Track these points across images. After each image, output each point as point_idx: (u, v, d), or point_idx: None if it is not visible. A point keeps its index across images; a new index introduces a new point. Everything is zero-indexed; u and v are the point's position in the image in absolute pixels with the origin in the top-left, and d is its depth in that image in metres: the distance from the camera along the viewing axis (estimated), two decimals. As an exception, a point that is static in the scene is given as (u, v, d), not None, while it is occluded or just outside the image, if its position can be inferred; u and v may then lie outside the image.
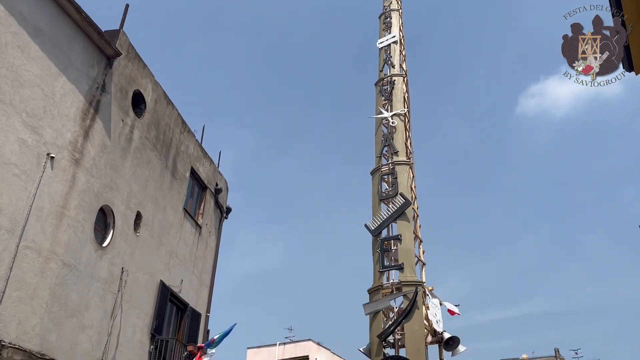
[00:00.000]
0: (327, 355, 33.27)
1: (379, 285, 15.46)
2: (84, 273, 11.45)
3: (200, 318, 16.64)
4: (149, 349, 13.66)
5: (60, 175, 11.02)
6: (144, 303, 13.74)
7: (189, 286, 16.17)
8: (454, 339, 15.34)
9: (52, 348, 10.31)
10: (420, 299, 14.77)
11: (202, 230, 17.55)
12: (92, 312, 11.63)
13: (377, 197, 16.79)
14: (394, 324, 14.95)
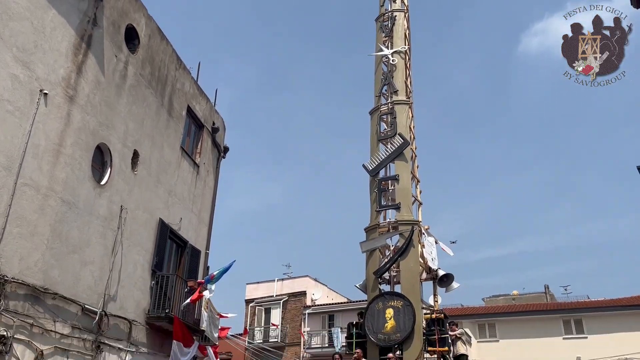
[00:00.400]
0: (324, 291, 34.24)
1: (376, 224, 15.64)
2: (83, 210, 11.53)
3: (199, 255, 16.96)
4: (150, 285, 14.00)
5: (54, 112, 10.86)
6: (144, 240, 13.94)
7: (188, 224, 16.37)
8: (448, 276, 15.69)
9: (55, 283, 10.53)
10: (416, 238, 14.99)
11: (200, 169, 17.56)
12: (93, 248, 11.81)
13: (376, 137, 16.69)
14: (390, 261, 15.24)
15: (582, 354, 26.64)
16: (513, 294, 38.59)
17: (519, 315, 30.41)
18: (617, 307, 28.36)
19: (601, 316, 28.21)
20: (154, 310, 13.80)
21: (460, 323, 16.86)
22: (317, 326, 31.79)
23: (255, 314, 33.79)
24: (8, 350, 9.29)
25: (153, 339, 13.86)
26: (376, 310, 14.34)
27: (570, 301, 32.46)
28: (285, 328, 32.36)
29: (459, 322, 17.37)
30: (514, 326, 29.77)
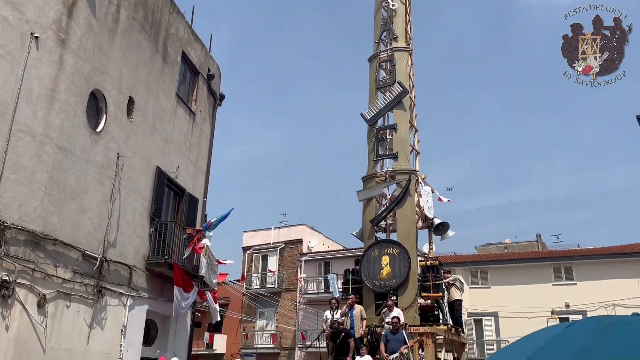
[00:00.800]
0: (320, 239, 34.73)
1: (373, 173, 15.66)
2: (80, 158, 11.46)
3: (197, 203, 17.03)
4: (149, 232, 14.12)
5: (46, 57, 10.60)
6: (142, 188, 13.95)
7: (185, 172, 16.35)
8: (443, 224, 15.90)
9: (55, 229, 10.59)
10: (412, 187, 15.06)
11: (196, 117, 17.37)
12: (91, 195, 11.82)
13: (374, 85, 16.45)
14: (387, 210, 15.37)
15: (570, 299, 27.47)
16: (505, 242, 39.31)
17: (511, 263, 31.09)
18: (606, 255, 29.02)
19: (590, 264, 28.88)
20: (154, 256, 13.98)
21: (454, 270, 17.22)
22: (313, 273, 32.45)
23: (252, 261, 34.39)
24: (11, 294, 9.45)
25: (153, 284, 14.12)
26: (372, 257, 14.58)
27: (561, 249, 33.14)
28: (281, 274, 33.03)
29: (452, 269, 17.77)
30: (506, 273, 30.49)
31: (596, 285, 27.48)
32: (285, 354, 31.54)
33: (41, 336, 10.10)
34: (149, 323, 14.35)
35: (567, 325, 3.54)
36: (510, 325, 27.02)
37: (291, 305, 32.11)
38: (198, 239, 14.55)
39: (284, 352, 31.56)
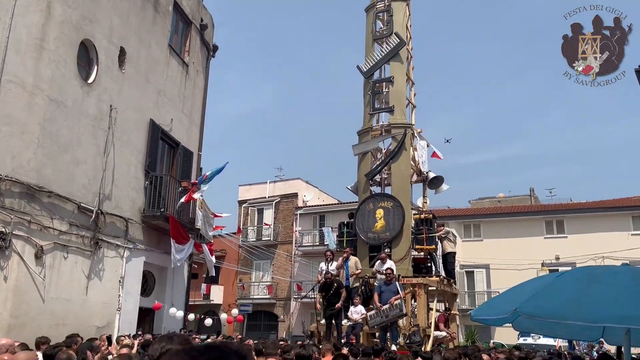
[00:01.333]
0: (315, 193, 34.89)
1: (369, 127, 15.55)
2: (71, 109, 11.30)
3: (192, 156, 16.97)
4: (144, 185, 14.12)
5: (34, 4, 10.28)
6: (136, 140, 13.85)
7: (179, 125, 16.20)
8: (438, 178, 15.93)
9: (49, 181, 10.57)
10: (408, 141, 15.00)
11: (189, 68, 17.06)
12: (84, 148, 11.73)
13: (371, 37, 16.10)
14: (382, 164, 15.35)
15: (561, 252, 27.97)
16: (499, 196, 39.64)
17: (503, 217, 31.46)
18: (597, 208, 29.38)
19: (582, 217, 29.27)
20: (149, 209, 14.03)
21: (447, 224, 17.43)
22: (308, 226, 32.78)
23: (248, 215, 34.62)
24: (8, 245, 9.52)
25: (149, 236, 14.24)
26: (367, 210, 14.68)
27: (553, 203, 33.49)
28: (277, 227, 33.35)
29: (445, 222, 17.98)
30: (498, 226, 30.90)
31: (587, 238, 27.94)
32: (281, 305, 32.26)
33: (40, 286, 10.25)
34: (146, 274, 14.57)
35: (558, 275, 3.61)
36: (501, 277, 27.59)
37: (286, 257, 32.60)
38: (193, 192, 14.58)
39: (279, 303, 32.28)
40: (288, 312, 31.84)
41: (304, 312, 29.65)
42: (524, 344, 19.74)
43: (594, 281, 3.22)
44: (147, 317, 14.34)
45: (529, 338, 22.01)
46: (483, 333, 27.00)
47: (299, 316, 30.65)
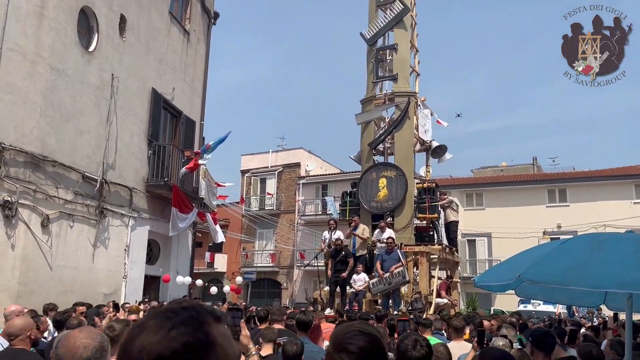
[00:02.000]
0: (318, 162, 34.87)
1: (372, 95, 15.44)
2: (73, 78, 11.22)
3: (194, 126, 16.92)
4: (147, 154, 14.13)
5: (32, -29, 10.09)
6: (138, 110, 13.79)
7: (181, 94, 16.10)
8: (441, 147, 15.92)
9: (53, 151, 10.58)
10: (411, 109, 14.91)
11: (190, 36, 16.85)
12: (87, 117, 11.70)
13: (375, 3, 15.84)
14: (385, 133, 15.30)
15: (563, 220, 28.09)
16: (501, 165, 39.56)
17: (506, 185, 31.48)
18: (600, 177, 29.35)
19: (584, 186, 29.28)
20: (153, 178, 14.08)
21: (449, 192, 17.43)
22: (311, 195, 32.88)
23: (251, 184, 34.72)
24: (14, 214, 9.60)
25: (154, 205, 14.32)
26: (370, 179, 14.71)
27: (556, 172, 33.45)
28: (280, 197, 33.48)
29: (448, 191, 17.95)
30: (500, 195, 30.96)
31: (589, 206, 28.01)
32: (284, 273, 32.66)
33: (47, 254, 10.38)
34: (151, 243, 14.72)
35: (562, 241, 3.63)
36: (503, 245, 27.77)
37: (289, 226, 32.83)
38: (196, 161, 14.59)
39: (282, 271, 32.67)
40: (291, 280, 32.27)
41: (306, 279, 30.04)
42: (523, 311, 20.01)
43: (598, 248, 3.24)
44: (152, 284, 14.56)
45: (529, 305, 22.29)
46: (484, 300, 27.37)
47: (301, 284, 31.07)
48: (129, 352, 0.94)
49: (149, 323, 0.96)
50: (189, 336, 0.93)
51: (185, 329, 0.94)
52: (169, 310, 0.98)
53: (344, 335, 1.68)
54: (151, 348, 0.91)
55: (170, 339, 0.92)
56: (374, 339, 1.68)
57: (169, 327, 0.93)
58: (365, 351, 1.62)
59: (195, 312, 0.98)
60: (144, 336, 0.93)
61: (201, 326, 0.95)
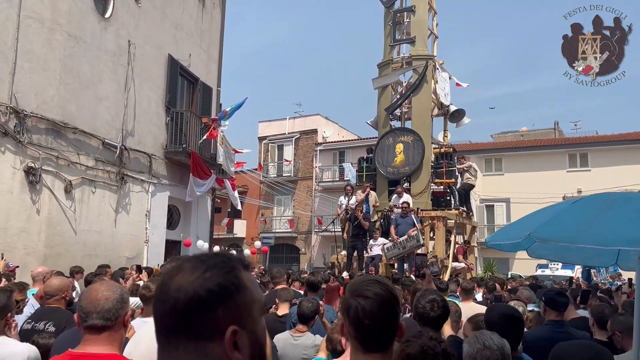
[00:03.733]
0: (335, 129, 34.80)
1: (389, 59, 15.25)
2: (91, 45, 11.31)
3: (211, 92, 16.98)
4: (165, 121, 14.27)
5: (46, -64, 10.08)
6: (155, 76, 13.88)
7: (197, 60, 16.11)
8: (459, 111, 15.74)
9: (73, 118, 10.77)
10: (429, 73, 14.72)
11: (206, 1, 16.72)
12: (105, 84, 11.83)
13: (392, -36, 15.48)
14: (402, 97, 15.17)
15: (583, 185, 27.75)
16: (522, 130, 39.04)
17: (525, 150, 31.12)
18: (622, 141, 28.80)
19: (606, 150, 28.79)
20: (171, 145, 14.26)
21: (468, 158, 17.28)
22: (328, 162, 32.95)
23: (268, 151, 34.88)
24: (38, 180, 9.87)
25: (173, 172, 14.55)
26: (386, 145, 14.68)
27: (578, 136, 32.90)
28: (297, 164, 33.63)
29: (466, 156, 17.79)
30: (520, 160, 30.64)
31: (610, 171, 27.59)
32: (302, 238, 33.09)
33: (71, 219, 10.69)
34: (171, 208, 15.02)
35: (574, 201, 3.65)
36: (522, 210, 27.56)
37: (307, 192, 33.07)
38: (214, 128, 14.71)
39: (300, 236, 33.10)
40: (309, 245, 32.70)
41: (324, 244, 30.41)
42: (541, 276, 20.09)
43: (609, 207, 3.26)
44: (173, 249, 14.91)
45: (547, 269, 22.33)
46: (501, 265, 27.48)
47: (319, 249, 31.48)
48: (167, 290, 1.04)
49: (185, 265, 1.06)
50: (222, 278, 1.04)
51: (218, 271, 1.04)
52: (204, 255, 1.09)
53: (360, 283, 1.79)
54: (188, 286, 1.02)
55: (205, 279, 1.02)
56: (388, 288, 1.78)
57: (204, 269, 1.04)
58: (380, 297, 1.72)
59: (227, 258, 1.09)
60: (181, 276, 1.04)
61: (232, 270, 1.06)
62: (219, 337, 1.01)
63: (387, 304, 1.72)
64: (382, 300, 1.72)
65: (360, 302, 1.71)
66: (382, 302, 1.71)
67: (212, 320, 1.00)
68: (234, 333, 1.01)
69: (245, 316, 1.04)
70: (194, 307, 1.00)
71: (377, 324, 1.69)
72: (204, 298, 1.00)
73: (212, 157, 15.53)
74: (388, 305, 1.73)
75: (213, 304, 1.01)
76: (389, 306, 1.73)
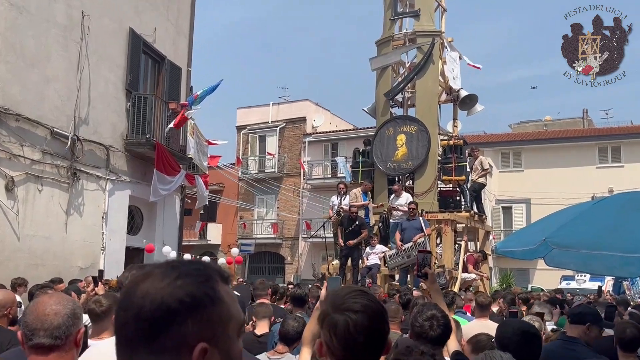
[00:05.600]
0: (326, 117, 34.82)
1: (390, 36, 15.31)
2: (37, 17, 11.27)
3: (180, 73, 16.97)
4: (126, 106, 14.26)
5: None
6: (114, 54, 13.85)
7: (164, 35, 16.08)
8: (471, 97, 15.83)
9: (16, 102, 10.74)
10: (436, 52, 14.79)
11: (174, -35, 16.70)
12: (55, 62, 11.80)
13: None
14: (405, 80, 15.25)
15: (615, 184, 28.01)
16: (545, 119, 39.33)
17: (549, 143, 31.38)
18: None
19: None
20: (133, 135, 14.24)
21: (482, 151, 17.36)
22: (319, 156, 33.02)
23: (248, 142, 34.87)
24: (-25, 176, 9.84)
25: (134, 166, 14.54)
26: (386, 136, 14.76)
27: (610, 127, 33.20)
28: (282, 158, 33.66)
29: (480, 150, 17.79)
30: (543, 155, 30.88)
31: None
32: (287, 245, 33.15)
33: (13, 222, 10.67)
34: (133, 210, 15.01)
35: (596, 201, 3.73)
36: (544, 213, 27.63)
37: (294, 191, 33.12)
38: (183, 114, 14.68)
39: (286, 243, 33.15)
40: (296, 254, 32.78)
41: (314, 253, 30.49)
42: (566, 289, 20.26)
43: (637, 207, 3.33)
44: (135, 257, 14.89)
45: (573, 282, 22.55)
46: (520, 276, 27.72)
47: (308, 257, 31.56)
48: (131, 296, 1.05)
49: (155, 271, 1.08)
50: (195, 287, 1.05)
51: (192, 280, 1.06)
52: (177, 261, 1.11)
53: (344, 295, 1.81)
54: (155, 293, 1.03)
55: (176, 287, 1.04)
56: (375, 299, 1.83)
57: (176, 276, 1.06)
58: (370, 309, 1.77)
59: (204, 266, 1.11)
60: (149, 282, 1.05)
61: (208, 280, 1.08)
62: (186, 353, 1.02)
63: (378, 316, 1.78)
64: (372, 312, 1.77)
65: (350, 316, 1.75)
66: (373, 315, 1.76)
67: (179, 333, 1.02)
68: (204, 351, 1.02)
69: (219, 333, 1.05)
70: (160, 317, 1.01)
71: (369, 339, 1.74)
72: (172, 307, 1.02)
73: (182, 150, 15.53)
74: (379, 318, 1.78)
75: (182, 315, 1.02)
76: (380, 319, 1.79)
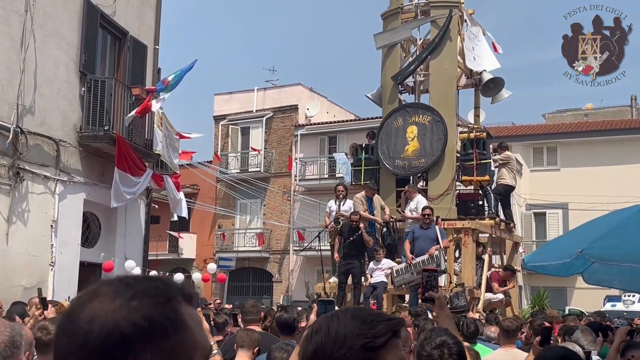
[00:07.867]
0: (323, 105, 34.79)
1: (398, 7, 15.35)
2: (-29, -16, 11.25)
3: (146, 52, 16.95)
4: (80, 92, 14.23)
5: None
6: (65, 29, 13.83)
7: (126, 7, 16.07)
8: (495, 81, 15.84)
9: (-54, 88, 10.71)
10: (454, 27, 14.82)
11: None
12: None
13: None
14: (416, 61, 15.29)
15: (671, 186, 28.06)
16: (586, 108, 39.41)
17: (590, 136, 31.42)
18: None
19: None
20: (88, 127, 14.22)
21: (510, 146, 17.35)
22: (314, 152, 33.00)
23: (228, 136, 34.82)
24: None
25: (90, 165, 14.52)
26: (394, 128, 14.78)
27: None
28: (269, 154, 33.64)
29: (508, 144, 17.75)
30: (582, 150, 30.95)
31: None
32: (275, 259, 33.12)
33: (-57, 232, 10.63)
34: (89, 217, 14.98)
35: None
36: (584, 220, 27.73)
37: (283, 195, 33.11)
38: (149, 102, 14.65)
39: (274, 257, 33.11)
40: (286, 270, 32.76)
41: (307, 269, 30.51)
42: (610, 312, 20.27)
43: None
44: (92, 274, 14.86)
45: (619, 303, 22.55)
46: (556, 296, 27.77)
47: (300, 275, 31.54)
48: (75, 320, 1.02)
49: (104, 289, 1.05)
50: (154, 309, 1.02)
51: (150, 300, 1.03)
52: (130, 278, 1.08)
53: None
54: (106, 317, 1.00)
55: (130, 309, 1.01)
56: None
57: (130, 296, 1.03)
58: None
59: (163, 284, 1.08)
60: (97, 303, 1.02)
61: (169, 301, 1.05)
62: None
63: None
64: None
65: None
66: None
67: None
68: None
69: None
70: (112, 346, 0.99)
71: None
72: (126, 334, 0.99)
73: (147, 145, 15.52)
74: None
75: (139, 343, 1.00)
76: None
